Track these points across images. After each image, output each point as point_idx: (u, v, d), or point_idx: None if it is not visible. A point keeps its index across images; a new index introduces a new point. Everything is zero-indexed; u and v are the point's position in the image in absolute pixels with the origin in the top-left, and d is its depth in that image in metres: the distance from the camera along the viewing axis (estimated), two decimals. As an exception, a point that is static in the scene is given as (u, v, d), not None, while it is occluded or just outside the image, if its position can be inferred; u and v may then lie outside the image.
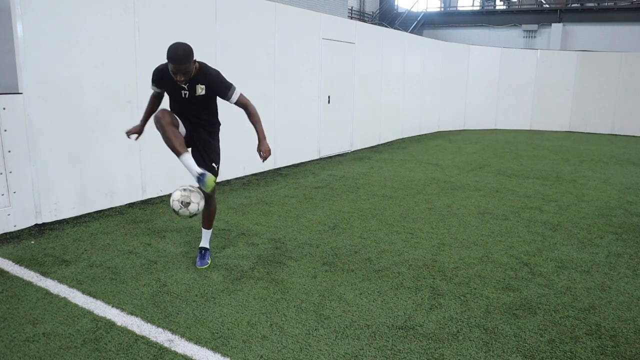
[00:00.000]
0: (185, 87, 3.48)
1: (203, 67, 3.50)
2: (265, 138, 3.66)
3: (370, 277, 3.76)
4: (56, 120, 4.78)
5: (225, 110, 6.62)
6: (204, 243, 3.99)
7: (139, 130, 3.86)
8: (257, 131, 3.66)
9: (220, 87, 3.55)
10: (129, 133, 3.85)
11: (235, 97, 3.61)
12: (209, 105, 3.64)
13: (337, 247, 4.40)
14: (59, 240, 4.40)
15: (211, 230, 3.99)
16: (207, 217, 3.90)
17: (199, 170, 3.32)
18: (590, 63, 14.41)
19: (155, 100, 3.78)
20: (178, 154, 3.32)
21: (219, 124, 3.81)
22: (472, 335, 2.98)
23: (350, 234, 4.79)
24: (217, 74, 3.53)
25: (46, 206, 4.78)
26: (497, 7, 30.17)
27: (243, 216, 5.27)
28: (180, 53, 3.29)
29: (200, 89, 3.49)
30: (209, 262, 3.93)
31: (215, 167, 3.70)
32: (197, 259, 3.92)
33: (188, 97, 3.52)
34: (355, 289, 3.56)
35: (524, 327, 3.08)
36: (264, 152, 3.64)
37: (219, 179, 6.76)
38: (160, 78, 3.55)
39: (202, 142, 3.67)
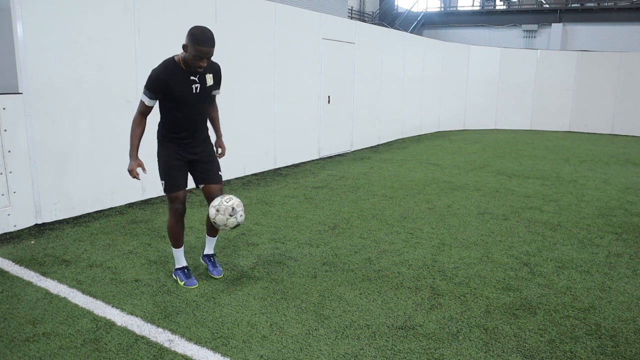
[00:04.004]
0: (196, 79, 3.33)
1: None
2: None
3: (370, 277, 3.76)
4: (56, 120, 4.78)
5: (226, 111, 6.63)
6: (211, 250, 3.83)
7: (140, 164, 3.38)
8: (219, 127, 3.79)
9: (220, 77, 3.54)
10: (135, 175, 3.38)
11: (219, 92, 3.64)
12: (209, 100, 3.55)
13: (337, 247, 4.40)
14: (59, 240, 4.40)
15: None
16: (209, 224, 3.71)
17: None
18: (590, 63, 14.40)
19: (143, 119, 3.38)
20: (175, 245, 3.58)
21: None
22: (472, 335, 2.98)
23: (350, 234, 4.79)
24: (218, 65, 3.53)
25: (46, 206, 4.78)
26: (497, 7, 30.18)
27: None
28: (211, 35, 3.18)
29: (209, 79, 3.42)
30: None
31: (221, 174, 3.66)
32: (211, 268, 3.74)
33: (199, 90, 3.35)
34: (355, 289, 3.56)
35: (524, 327, 3.08)
36: (223, 149, 3.76)
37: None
38: (166, 82, 3.25)
39: (208, 159, 3.56)
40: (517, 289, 3.62)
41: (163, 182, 3.44)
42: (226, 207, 3.24)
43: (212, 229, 3.70)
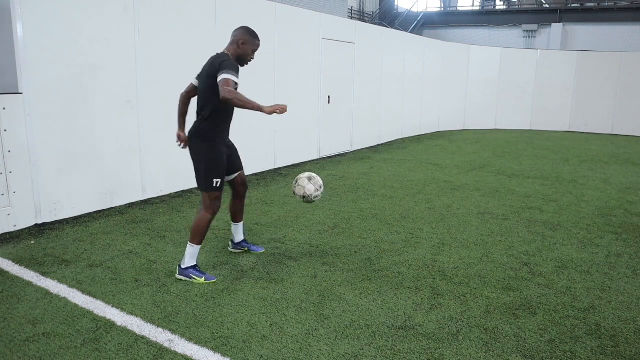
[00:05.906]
0: None
1: None
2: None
3: (370, 277, 3.76)
4: (56, 120, 4.78)
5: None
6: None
7: (185, 138, 3.72)
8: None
9: None
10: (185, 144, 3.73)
11: None
12: None
13: (337, 247, 4.40)
14: (59, 240, 4.40)
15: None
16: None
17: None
18: (590, 63, 14.40)
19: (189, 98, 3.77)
20: (200, 242, 3.63)
21: None
22: (472, 335, 2.98)
23: (350, 234, 4.79)
24: None
25: (46, 206, 4.78)
26: (497, 7, 30.20)
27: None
28: None
29: None
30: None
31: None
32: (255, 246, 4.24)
33: None
34: (355, 289, 3.56)
35: (524, 327, 3.08)
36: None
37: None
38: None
39: (234, 148, 3.86)
40: (517, 289, 3.62)
41: (216, 180, 3.55)
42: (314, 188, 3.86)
43: (237, 215, 4.03)
